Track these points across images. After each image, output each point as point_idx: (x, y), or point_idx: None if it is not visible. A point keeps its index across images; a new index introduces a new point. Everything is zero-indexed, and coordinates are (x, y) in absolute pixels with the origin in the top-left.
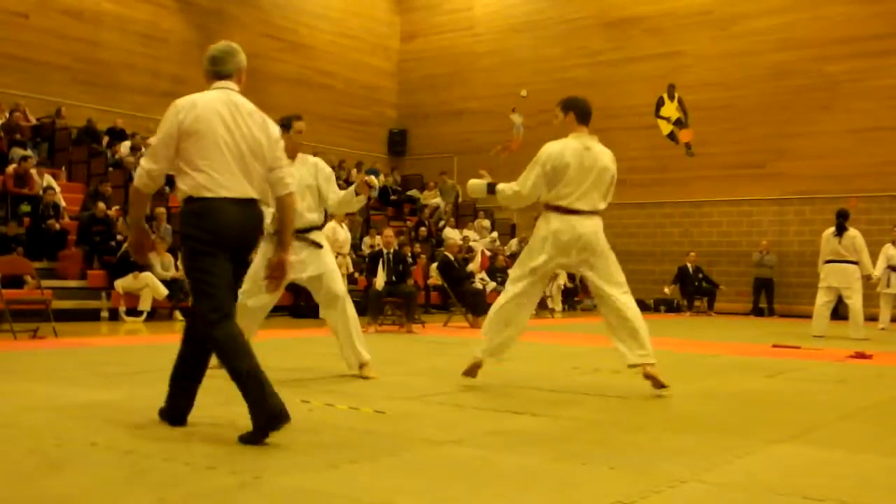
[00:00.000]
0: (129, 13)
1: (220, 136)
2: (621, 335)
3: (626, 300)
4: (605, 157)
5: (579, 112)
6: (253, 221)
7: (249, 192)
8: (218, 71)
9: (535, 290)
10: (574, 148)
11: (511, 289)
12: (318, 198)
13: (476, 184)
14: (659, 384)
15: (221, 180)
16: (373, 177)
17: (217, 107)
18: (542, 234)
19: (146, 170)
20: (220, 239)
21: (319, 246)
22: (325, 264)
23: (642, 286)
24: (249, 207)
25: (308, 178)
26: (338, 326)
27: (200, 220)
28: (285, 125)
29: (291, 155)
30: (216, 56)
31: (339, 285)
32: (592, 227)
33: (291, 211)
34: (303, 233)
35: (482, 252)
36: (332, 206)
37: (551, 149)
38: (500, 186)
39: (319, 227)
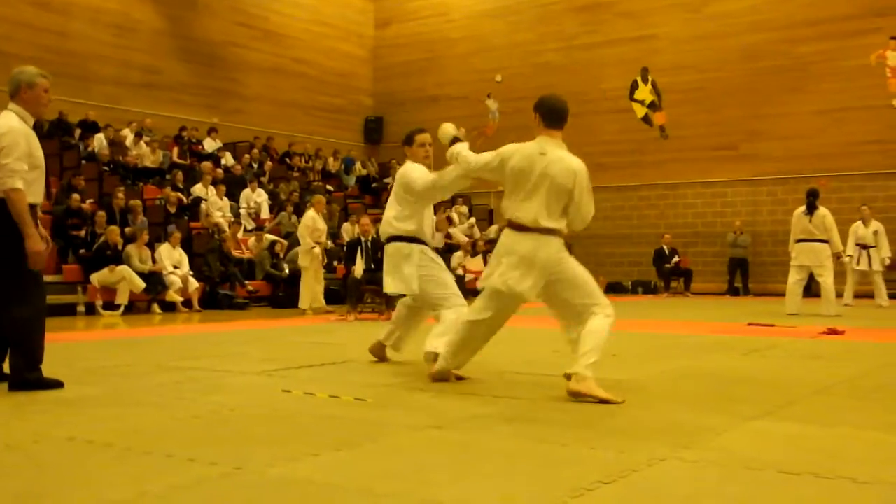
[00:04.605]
0: (98, 3)
1: None
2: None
3: (578, 333)
4: (558, 165)
5: (545, 113)
6: None
7: None
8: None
9: (495, 318)
10: (527, 152)
11: (470, 312)
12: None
13: (446, 129)
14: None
15: None
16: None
17: None
18: (495, 251)
19: None
20: None
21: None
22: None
23: (619, 269)
24: None
25: None
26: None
27: None
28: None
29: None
30: None
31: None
32: (532, 247)
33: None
34: None
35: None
36: None
37: (506, 148)
38: (457, 148)
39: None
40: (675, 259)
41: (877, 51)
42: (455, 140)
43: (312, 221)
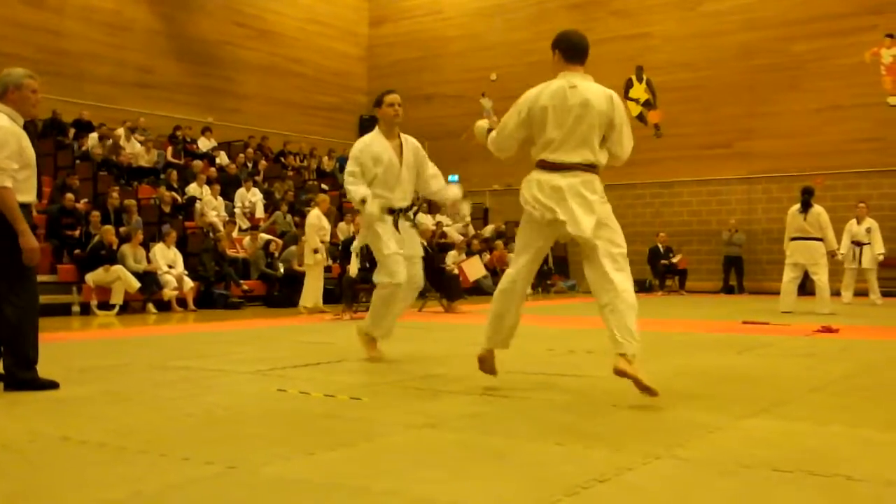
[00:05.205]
0: (92, 2)
1: None
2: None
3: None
4: (595, 94)
5: (565, 49)
6: None
7: None
8: None
9: (527, 270)
10: (555, 88)
11: (505, 274)
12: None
13: (480, 126)
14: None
15: None
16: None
17: None
18: (524, 198)
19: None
20: None
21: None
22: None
23: None
24: None
25: None
26: None
27: None
28: None
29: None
30: None
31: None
32: (579, 182)
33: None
34: None
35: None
36: None
37: (528, 93)
38: (484, 126)
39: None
40: (675, 258)
41: (872, 48)
42: (490, 131)
43: (318, 220)
